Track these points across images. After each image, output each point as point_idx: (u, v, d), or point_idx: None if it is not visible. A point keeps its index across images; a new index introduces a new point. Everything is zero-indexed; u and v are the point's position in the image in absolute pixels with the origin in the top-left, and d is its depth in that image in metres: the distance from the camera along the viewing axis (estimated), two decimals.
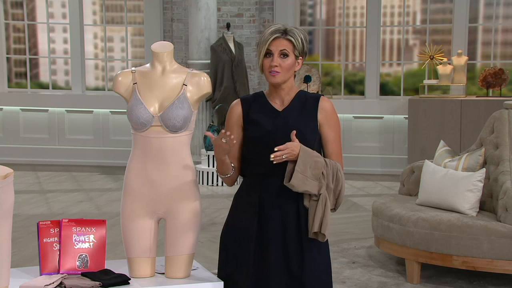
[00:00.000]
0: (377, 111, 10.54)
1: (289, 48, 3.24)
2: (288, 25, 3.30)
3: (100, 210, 8.18)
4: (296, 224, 3.25)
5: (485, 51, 10.63)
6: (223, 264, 3.38)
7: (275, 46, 3.24)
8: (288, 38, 3.24)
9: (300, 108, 3.29)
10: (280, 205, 3.26)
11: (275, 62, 3.24)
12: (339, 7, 11.03)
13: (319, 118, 3.29)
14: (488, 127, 5.92)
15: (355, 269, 5.94)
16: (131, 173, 3.30)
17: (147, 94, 3.27)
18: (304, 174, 3.12)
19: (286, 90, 3.31)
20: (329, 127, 3.30)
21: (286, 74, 3.26)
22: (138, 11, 11.58)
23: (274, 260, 3.25)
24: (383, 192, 9.03)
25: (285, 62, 3.24)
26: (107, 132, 11.31)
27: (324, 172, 3.17)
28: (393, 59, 11.01)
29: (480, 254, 5.31)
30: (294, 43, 3.24)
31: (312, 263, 3.26)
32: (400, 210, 5.72)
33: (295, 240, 3.25)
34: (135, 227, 3.29)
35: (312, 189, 3.16)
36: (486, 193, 5.69)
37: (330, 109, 3.32)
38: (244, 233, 3.30)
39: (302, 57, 3.29)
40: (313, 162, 3.14)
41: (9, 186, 2.87)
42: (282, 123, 3.27)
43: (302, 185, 3.13)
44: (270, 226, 3.26)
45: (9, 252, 2.95)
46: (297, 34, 3.25)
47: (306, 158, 3.13)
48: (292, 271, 3.24)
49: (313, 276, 3.26)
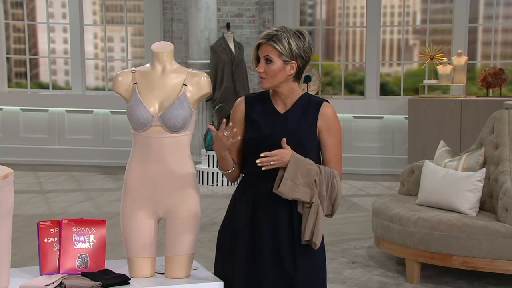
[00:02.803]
0: (377, 111, 10.53)
1: (273, 54, 3.19)
2: (285, 28, 3.23)
3: (100, 210, 8.17)
4: (289, 226, 3.24)
5: (485, 51, 10.62)
6: (219, 263, 3.39)
7: (261, 52, 3.23)
8: (271, 44, 3.19)
9: (301, 112, 3.26)
10: (273, 208, 3.24)
11: (259, 68, 3.23)
12: (339, 7, 11.02)
13: (318, 124, 3.26)
14: (488, 127, 5.91)
15: (355, 269, 5.93)
16: (131, 173, 3.29)
17: (147, 94, 3.26)
18: (294, 182, 3.09)
19: (285, 93, 3.29)
20: (329, 134, 3.26)
21: (273, 79, 3.22)
22: (138, 11, 11.57)
23: (266, 261, 3.24)
24: (383, 192, 9.03)
25: (270, 67, 3.20)
26: (107, 132, 11.31)
27: (316, 180, 3.14)
28: (393, 59, 11.00)
29: (480, 254, 5.31)
30: (278, 49, 3.18)
31: (306, 265, 3.25)
32: (400, 210, 5.71)
33: (287, 242, 3.24)
34: (135, 227, 3.28)
35: (303, 197, 3.13)
36: (486, 193, 5.69)
37: (331, 116, 3.27)
38: (237, 233, 3.29)
39: (296, 61, 3.22)
40: (305, 170, 3.11)
41: (9, 186, 2.86)
42: (281, 126, 3.24)
43: (292, 192, 3.11)
44: (262, 227, 3.25)
45: (9, 252, 2.94)
46: (284, 39, 3.19)
47: (298, 166, 3.10)
48: (285, 273, 3.23)
49: (306, 278, 3.25)
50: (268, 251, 3.24)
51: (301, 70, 3.28)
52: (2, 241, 2.85)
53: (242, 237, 3.28)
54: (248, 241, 3.27)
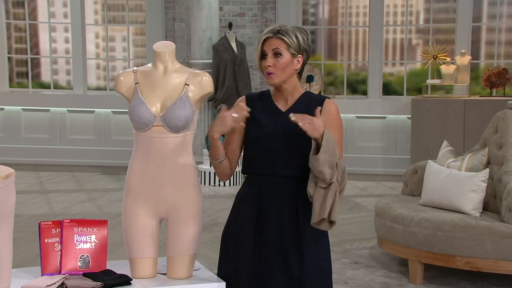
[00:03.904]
0: (380, 111, 10.52)
1: (282, 46, 3.20)
2: (288, 26, 3.26)
3: (101, 210, 8.17)
4: (295, 224, 3.23)
5: (488, 51, 10.61)
6: (223, 263, 3.38)
7: (268, 46, 3.22)
8: (279, 37, 3.20)
9: (304, 110, 3.24)
10: (278, 206, 3.24)
11: (268, 62, 3.21)
12: (341, 6, 11.02)
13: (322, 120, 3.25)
14: (491, 127, 5.91)
15: (357, 270, 5.93)
16: (133, 173, 3.28)
17: (149, 94, 3.25)
18: (325, 156, 3.04)
19: (289, 90, 3.28)
20: (332, 131, 3.21)
21: (282, 73, 3.22)
22: (140, 10, 11.57)
23: (272, 260, 3.23)
24: (386, 193, 9.02)
25: (279, 61, 3.20)
26: (108, 132, 11.30)
27: (338, 163, 3.10)
28: (396, 59, 11.00)
29: (484, 254, 5.30)
30: (287, 41, 3.19)
31: (312, 264, 3.24)
32: (403, 211, 5.70)
33: (294, 240, 3.23)
34: (137, 227, 3.27)
35: (327, 173, 3.05)
36: (490, 193, 5.68)
37: (334, 112, 3.28)
38: (243, 232, 3.29)
39: (302, 55, 3.24)
40: (332, 150, 3.07)
41: (11, 186, 2.86)
42: (284, 124, 3.22)
43: (323, 165, 3.03)
44: (268, 226, 3.25)
45: (11, 253, 2.94)
46: (291, 32, 3.21)
47: (329, 143, 3.06)
48: (291, 272, 3.22)
49: (313, 277, 3.24)
50: (273, 251, 3.24)
51: (303, 66, 3.29)
52: (3, 241, 2.85)
53: (247, 238, 3.27)
54: (254, 241, 3.26)
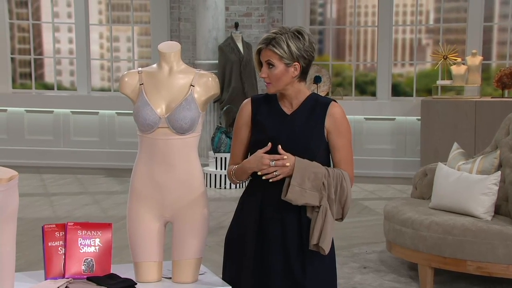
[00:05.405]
0: (389, 112, 10.50)
1: (273, 58, 3.19)
2: (284, 29, 3.20)
3: (105, 214, 8.17)
4: (297, 229, 3.23)
5: (500, 51, 10.59)
6: (227, 268, 3.39)
7: (262, 57, 3.24)
8: (270, 48, 3.18)
9: (308, 113, 3.25)
10: (281, 212, 3.23)
11: (262, 74, 3.24)
12: (350, 6, 11.01)
13: (326, 124, 3.24)
14: (503, 128, 5.90)
15: (366, 274, 5.90)
16: (138, 175, 3.28)
17: (154, 95, 3.25)
18: (301, 187, 3.09)
19: (292, 95, 3.28)
20: (337, 135, 3.24)
21: (277, 83, 3.23)
22: (145, 10, 11.58)
23: (275, 265, 3.23)
24: (395, 196, 9.00)
25: (272, 72, 3.21)
26: (113, 133, 11.31)
27: (325, 183, 3.12)
28: (406, 59, 10.99)
29: (496, 259, 5.25)
30: (278, 52, 3.17)
31: (315, 270, 3.23)
32: (413, 214, 5.67)
33: (296, 246, 3.23)
34: (142, 230, 3.27)
35: (312, 201, 3.12)
36: (502, 196, 5.64)
37: (339, 116, 3.25)
38: (245, 236, 3.29)
39: (298, 62, 3.20)
40: (311, 174, 3.10)
41: (14, 188, 2.84)
42: (288, 127, 3.23)
43: (301, 198, 3.10)
44: (270, 231, 3.25)
45: (14, 256, 2.91)
46: (282, 42, 3.16)
47: (304, 170, 3.09)
48: (294, 277, 3.22)
49: (316, 284, 3.23)
50: (276, 255, 3.24)
51: (305, 70, 3.26)
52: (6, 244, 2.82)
53: (250, 241, 3.28)
54: (256, 244, 3.27)
